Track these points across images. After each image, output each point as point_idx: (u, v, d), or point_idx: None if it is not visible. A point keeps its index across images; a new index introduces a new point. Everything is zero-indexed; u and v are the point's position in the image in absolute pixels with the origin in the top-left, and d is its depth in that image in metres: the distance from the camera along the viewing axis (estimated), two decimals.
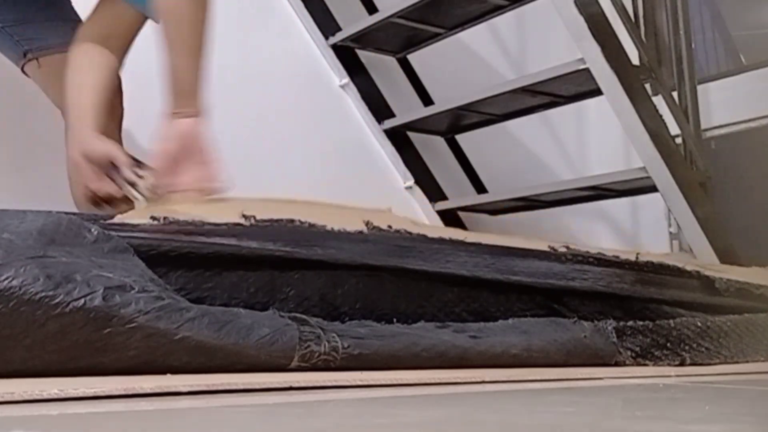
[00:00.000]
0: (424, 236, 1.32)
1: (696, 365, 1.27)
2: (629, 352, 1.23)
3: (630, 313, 1.35)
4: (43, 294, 0.79)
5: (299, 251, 1.10)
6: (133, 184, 1.33)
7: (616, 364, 1.23)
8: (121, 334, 0.81)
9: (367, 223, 1.28)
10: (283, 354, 0.91)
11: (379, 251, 1.20)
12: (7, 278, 0.78)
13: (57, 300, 0.79)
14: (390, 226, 1.31)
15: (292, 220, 1.20)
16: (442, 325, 1.11)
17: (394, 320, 1.11)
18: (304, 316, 0.97)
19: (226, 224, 1.13)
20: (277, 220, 1.18)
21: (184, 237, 1.04)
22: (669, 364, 1.25)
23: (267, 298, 1.06)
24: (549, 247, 1.46)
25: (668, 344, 1.27)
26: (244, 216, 1.17)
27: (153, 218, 1.09)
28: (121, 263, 0.88)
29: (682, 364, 1.26)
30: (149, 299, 0.84)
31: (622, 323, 1.26)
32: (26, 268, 0.79)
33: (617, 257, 1.50)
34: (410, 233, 1.32)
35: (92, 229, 0.94)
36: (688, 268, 1.57)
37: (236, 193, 2.20)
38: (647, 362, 1.25)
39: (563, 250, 1.44)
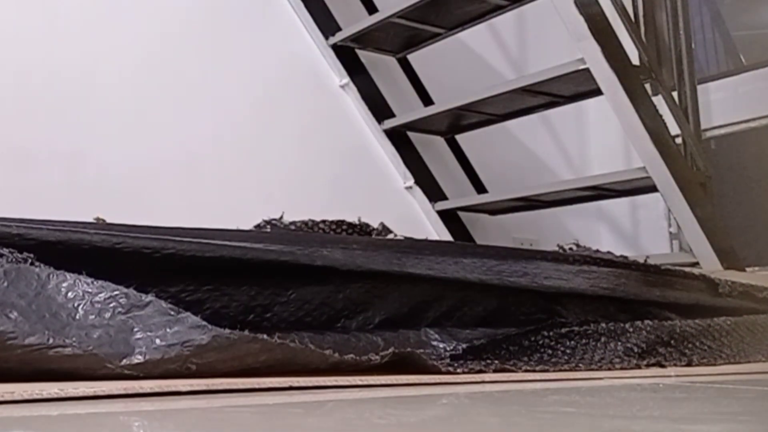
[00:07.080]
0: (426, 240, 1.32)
1: (699, 365, 1.27)
2: (636, 349, 1.23)
3: (633, 316, 1.34)
4: None
5: (301, 256, 1.10)
6: None
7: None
8: None
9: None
10: None
11: (380, 256, 1.20)
12: None
13: None
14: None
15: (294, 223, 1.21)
16: None
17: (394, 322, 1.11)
18: None
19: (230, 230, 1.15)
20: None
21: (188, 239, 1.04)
22: (675, 364, 1.25)
23: (268, 300, 1.06)
24: (558, 246, 1.45)
25: (672, 342, 1.27)
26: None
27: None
28: None
29: (689, 364, 1.26)
30: None
31: (621, 325, 1.26)
32: None
33: (621, 257, 1.50)
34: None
35: None
36: (695, 271, 1.57)
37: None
38: (652, 360, 1.24)
39: (571, 248, 1.44)
